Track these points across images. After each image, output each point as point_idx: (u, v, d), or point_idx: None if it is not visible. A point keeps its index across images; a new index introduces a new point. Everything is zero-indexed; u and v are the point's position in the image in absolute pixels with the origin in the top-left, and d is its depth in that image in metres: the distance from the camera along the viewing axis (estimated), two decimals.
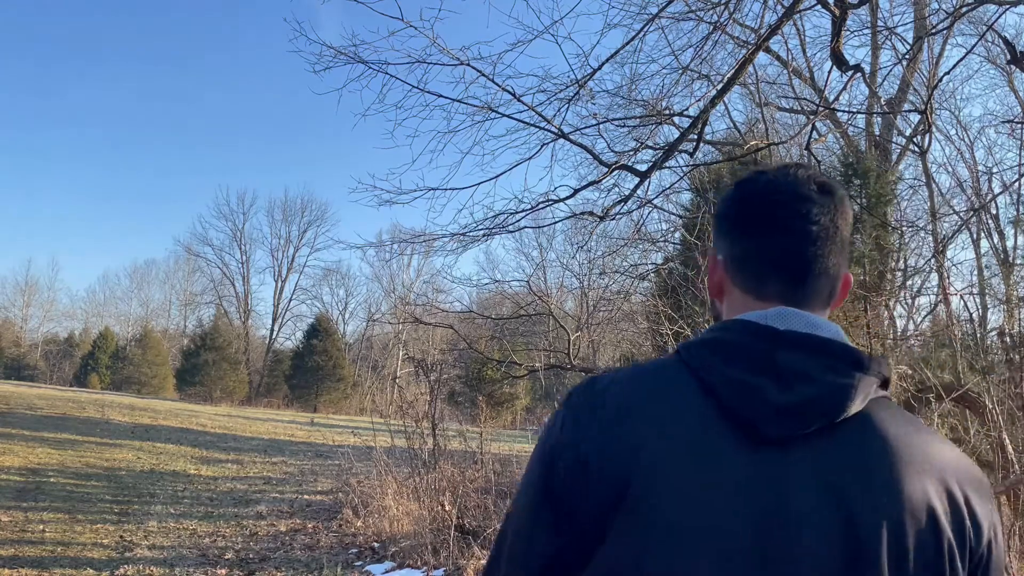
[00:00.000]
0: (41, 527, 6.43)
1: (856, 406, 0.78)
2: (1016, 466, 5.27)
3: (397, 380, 32.62)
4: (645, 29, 5.65)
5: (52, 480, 8.94)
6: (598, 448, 0.80)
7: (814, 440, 0.77)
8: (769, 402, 0.77)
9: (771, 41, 6.78)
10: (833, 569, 0.74)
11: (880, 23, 10.97)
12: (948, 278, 10.18)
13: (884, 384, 0.83)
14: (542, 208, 5.78)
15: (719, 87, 5.43)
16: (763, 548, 0.74)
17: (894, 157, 11.97)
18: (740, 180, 0.96)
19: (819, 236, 0.87)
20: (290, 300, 47.24)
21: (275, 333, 46.02)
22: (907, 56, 9.32)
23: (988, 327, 11.21)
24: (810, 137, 6.39)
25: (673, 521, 0.75)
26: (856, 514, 0.75)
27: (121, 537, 6.29)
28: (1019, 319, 7.69)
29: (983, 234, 15.86)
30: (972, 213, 13.38)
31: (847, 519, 0.75)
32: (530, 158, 5.59)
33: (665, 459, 0.77)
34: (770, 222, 0.88)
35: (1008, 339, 6.95)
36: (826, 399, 0.78)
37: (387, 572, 5.52)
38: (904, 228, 10.93)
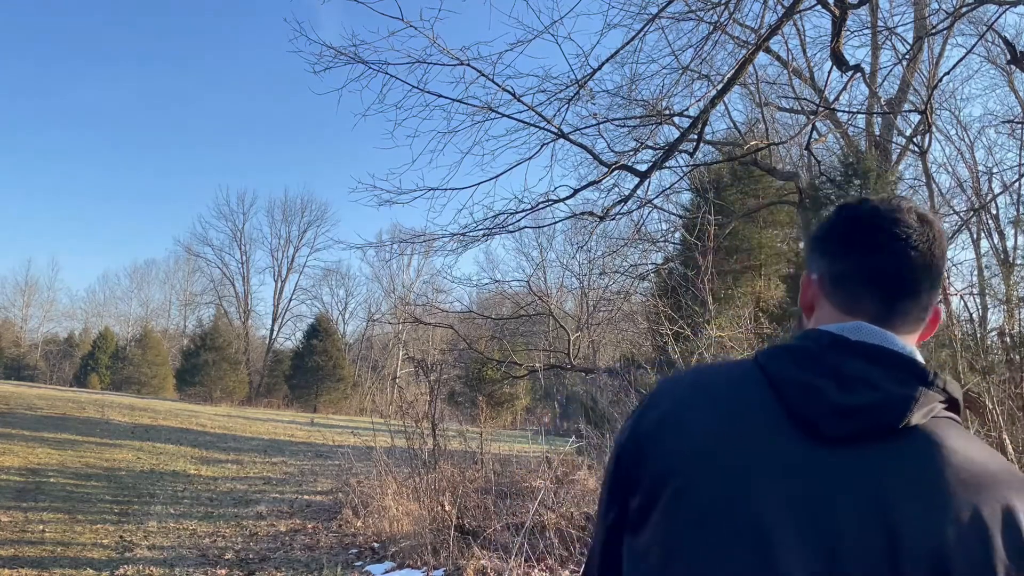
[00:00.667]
0: (41, 527, 6.43)
1: (916, 418, 0.79)
2: (1016, 466, 5.27)
3: (397, 380, 32.64)
4: (645, 29, 5.65)
5: (52, 480, 8.94)
6: (649, 433, 0.88)
7: (871, 447, 0.78)
8: (830, 402, 0.79)
9: (771, 41, 6.78)
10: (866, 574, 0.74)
11: (880, 23, 10.98)
12: (948, 278, 10.18)
13: (952, 405, 0.84)
14: (542, 208, 5.79)
15: (719, 87, 5.44)
16: (801, 540, 0.75)
17: (894, 157, 11.97)
18: (843, 204, 0.98)
19: (916, 261, 0.89)
20: (290, 300, 47.31)
21: (275, 333, 46.08)
22: (907, 56, 9.32)
23: (988, 327, 11.21)
24: (810, 137, 6.40)
25: (716, 498, 0.79)
26: (899, 529, 0.74)
27: (121, 537, 6.29)
28: (1019, 319, 7.69)
29: (983, 234, 15.88)
30: (972, 213, 13.39)
31: (889, 532, 0.74)
32: (530, 158, 5.60)
33: (717, 445, 0.82)
34: (871, 243, 0.90)
35: (1008, 339, 6.95)
36: (886, 406, 0.79)
37: (387, 572, 5.52)
38: None
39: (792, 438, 0.80)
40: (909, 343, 0.88)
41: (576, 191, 5.88)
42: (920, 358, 0.86)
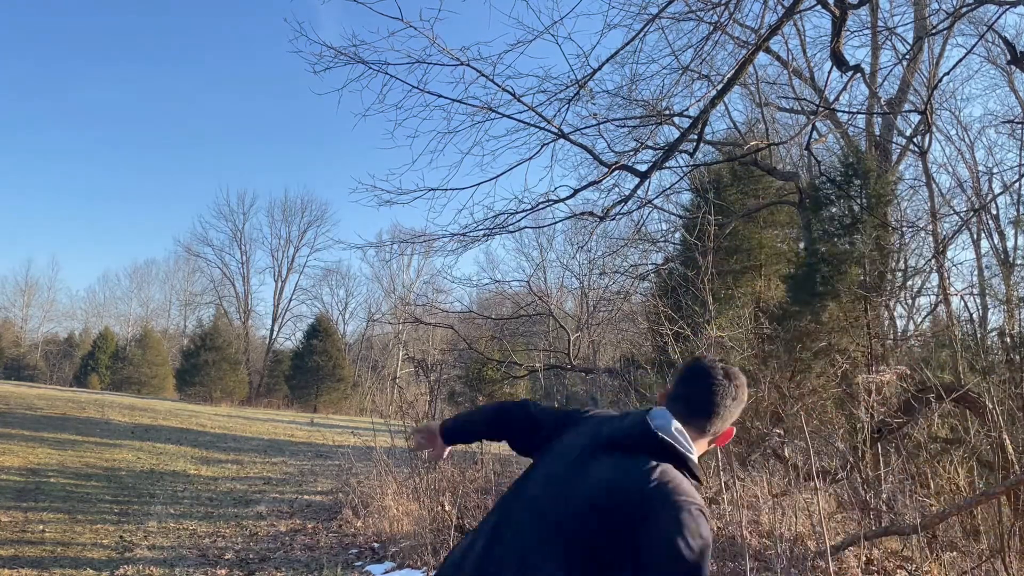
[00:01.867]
0: (41, 527, 6.43)
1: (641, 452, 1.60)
2: (1016, 466, 5.27)
3: (397, 380, 32.60)
4: (645, 29, 5.65)
5: (52, 480, 8.93)
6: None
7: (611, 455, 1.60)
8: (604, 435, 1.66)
9: (771, 41, 6.78)
10: (568, 479, 1.59)
11: (880, 23, 10.98)
12: (948, 278, 10.18)
13: (668, 457, 1.58)
14: (542, 208, 5.79)
15: (719, 87, 5.44)
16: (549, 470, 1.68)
17: (894, 157, 11.96)
18: (689, 361, 1.83)
19: (717, 398, 1.67)
20: (290, 300, 47.27)
21: (275, 333, 46.05)
22: (907, 56, 9.32)
23: (988, 327, 11.21)
24: (810, 137, 6.40)
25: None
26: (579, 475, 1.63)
27: (121, 537, 6.29)
28: (1019, 319, 7.69)
29: (983, 234, 15.88)
30: (972, 213, 13.38)
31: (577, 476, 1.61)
32: (530, 158, 5.60)
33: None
34: (693, 381, 1.72)
35: (1008, 339, 6.95)
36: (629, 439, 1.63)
37: (387, 572, 5.52)
38: (904, 228, 10.93)
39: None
40: (689, 435, 1.62)
41: (576, 191, 5.88)
42: (673, 440, 1.58)
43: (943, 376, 6.82)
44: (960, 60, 11.70)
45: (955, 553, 5.22)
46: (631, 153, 5.98)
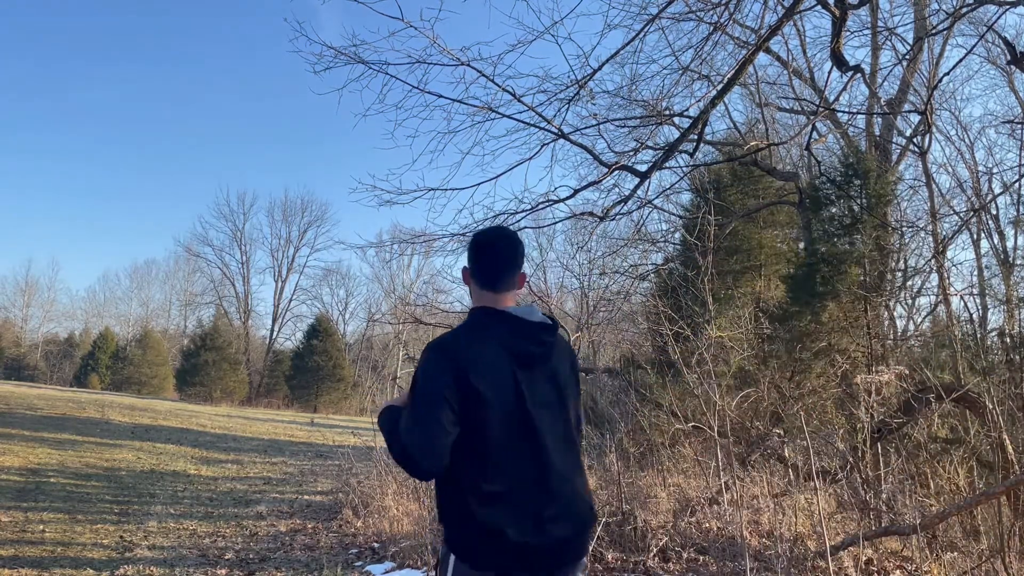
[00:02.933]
0: (41, 527, 6.43)
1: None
2: (1016, 466, 5.27)
3: (397, 380, 32.59)
4: (645, 29, 5.65)
5: (52, 480, 8.93)
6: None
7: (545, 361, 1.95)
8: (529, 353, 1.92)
9: (771, 41, 6.78)
10: (553, 400, 1.92)
11: (880, 23, 10.98)
12: (948, 278, 10.18)
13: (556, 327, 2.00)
14: (542, 208, 5.79)
15: (719, 87, 5.44)
16: (525, 404, 1.85)
17: (894, 157, 11.96)
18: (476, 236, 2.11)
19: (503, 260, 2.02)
20: (290, 300, 47.29)
21: (275, 333, 46.06)
22: (907, 56, 9.32)
23: (988, 327, 11.21)
24: (810, 137, 6.40)
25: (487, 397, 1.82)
26: (559, 379, 1.96)
27: (121, 537, 6.29)
28: (1019, 319, 7.69)
29: (983, 234, 15.88)
30: (972, 213, 13.38)
31: (555, 383, 1.94)
32: (530, 158, 5.60)
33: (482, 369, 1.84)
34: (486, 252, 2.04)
35: (1008, 339, 6.95)
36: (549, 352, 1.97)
37: (387, 572, 5.52)
38: (904, 228, 10.93)
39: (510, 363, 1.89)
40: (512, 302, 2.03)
41: (576, 191, 5.88)
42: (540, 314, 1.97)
43: (943, 376, 6.82)
44: (960, 60, 11.71)
45: (955, 553, 5.22)
46: (631, 153, 5.98)
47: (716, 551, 5.09)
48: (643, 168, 5.72)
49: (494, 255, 2.00)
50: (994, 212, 15.47)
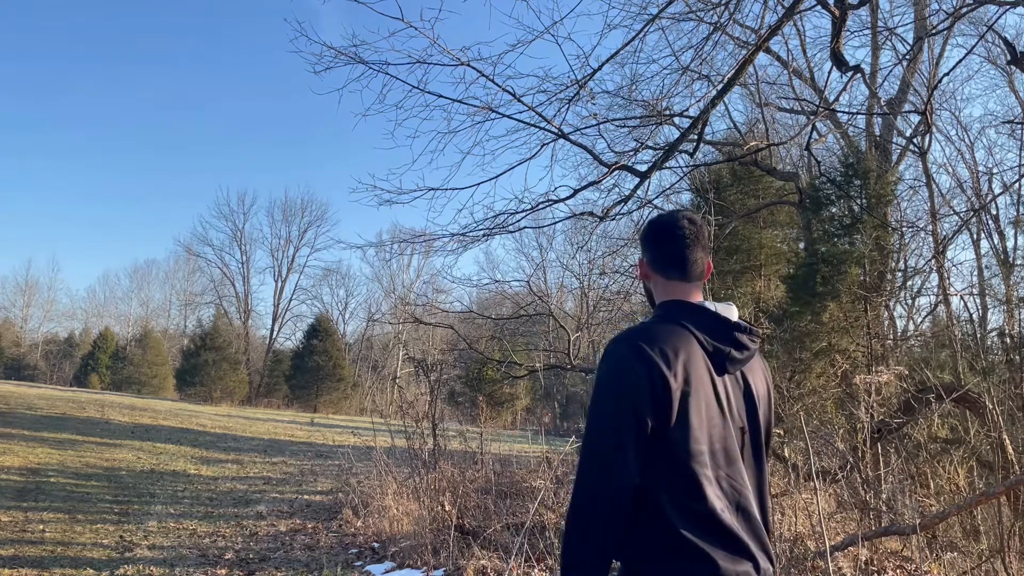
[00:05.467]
0: (41, 527, 6.43)
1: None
2: (1016, 466, 5.27)
3: (397, 380, 32.60)
4: (645, 30, 5.65)
5: (52, 480, 8.93)
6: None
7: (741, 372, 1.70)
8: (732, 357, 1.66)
9: (771, 41, 6.77)
10: (749, 412, 1.67)
11: (880, 23, 10.98)
12: (948, 279, 10.17)
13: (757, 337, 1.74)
14: (542, 208, 5.78)
15: (719, 87, 5.43)
16: (724, 417, 1.60)
17: (894, 158, 11.96)
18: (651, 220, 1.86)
19: (690, 242, 1.73)
20: (290, 300, 47.25)
21: (275, 333, 46.03)
22: (907, 56, 9.32)
23: (988, 328, 11.21)
24: (810, 137, 6.39)
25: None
26: (755, 395, 1.69)
27: (121, 537, 6.29)
28: (1019, 320, 7.68)
29: (983, 234, 15.85)
30: (972, 214, 13.37)
31: (750, 398, 1.68)
32: (530, 158, 5.60)
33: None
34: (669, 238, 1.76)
35: (1008, 339, 6.95)
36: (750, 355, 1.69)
37: (387, 572, 5.52)
38: (904, 229, 10.93)
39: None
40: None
41: (576, 191, 5.88)
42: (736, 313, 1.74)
43: (943, 376, 6.82)
44: (960, 60, 11.71)
45: (955, 553, 5.23)
46: (631, 153, 5.98)
47: None
48: (643, 168, 5.72)
49: (681, 237, 1.71)
50: (994, 212, 15.45)
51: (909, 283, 12.18)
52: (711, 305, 1.67)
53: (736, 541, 1.53)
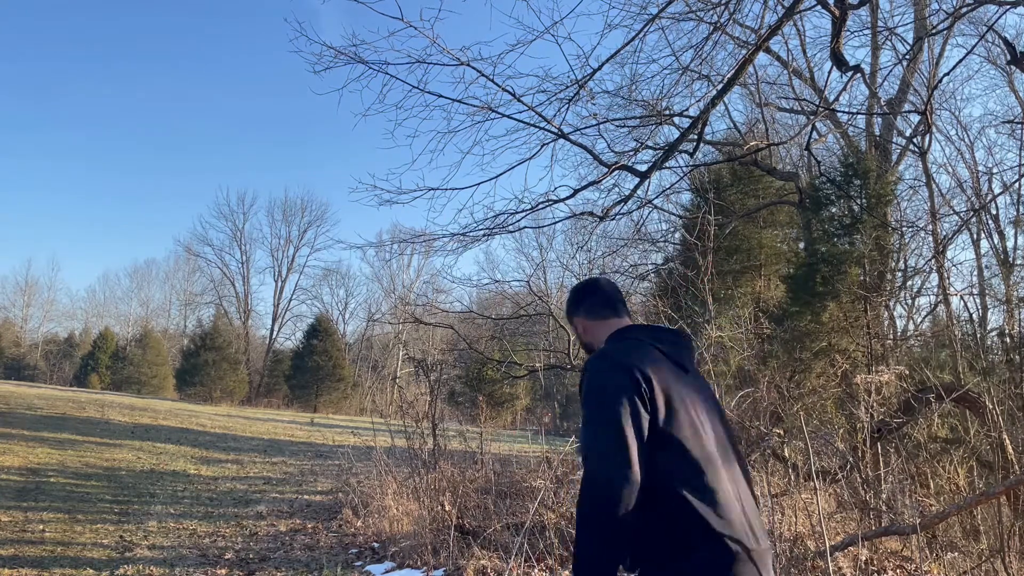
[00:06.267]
0: (41, 527, 6.43)
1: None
2: (1016, 466, 5.27)
3: (397, 380, 32.60)
4: (645, 29, 5.65)
5: (52, 480, 8.93)
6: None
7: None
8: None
9: (771, 41, 6.78)
10: (712, 406, 1.83)
11: (880, 23, 10.98)
12: (948, 278, 10.17)
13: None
14: (542, 208, 5.78)
15: (719, 87, 5.43)
16: (701, 410, 1.77)
17: (894, 157, 11.96)
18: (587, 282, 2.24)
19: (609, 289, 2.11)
20: (290, 300, 47.26)
21: (275, 333, 46.04)
22: (907, 56, 9.32)
23: (988, 327, 11.21)
24: (810, 137, 6.39)
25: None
26: (711, 390, 1.91)
27: (121, 537, 6.29)
28: (1019, 320, 7.69)
29: (983, 234, 15.86)
30: (972, 213, 13.37)
31: (709, 393, 1.88)
32: (530, 158, 5.59)
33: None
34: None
35: (1008, 339, 6.95)
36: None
37: (387, 572, 5.52)
38: (904, 228, 10.93)
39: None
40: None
41: (576, 191, 5.87)
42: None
43: (943, 376, 6.82)
44: (960, 60, 11.69)
45: (955, 553, 5.23)
46: (631, 153, 5.98)
47: None
48: (643, 168, 5.72)
49: (601, 288, 2.10)
50: (994, 212, 15.46)
51: (909, 283, 12.18)
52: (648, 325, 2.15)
53: (746, 523, 1.67)
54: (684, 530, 1.61)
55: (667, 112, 7.07)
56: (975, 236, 15.61)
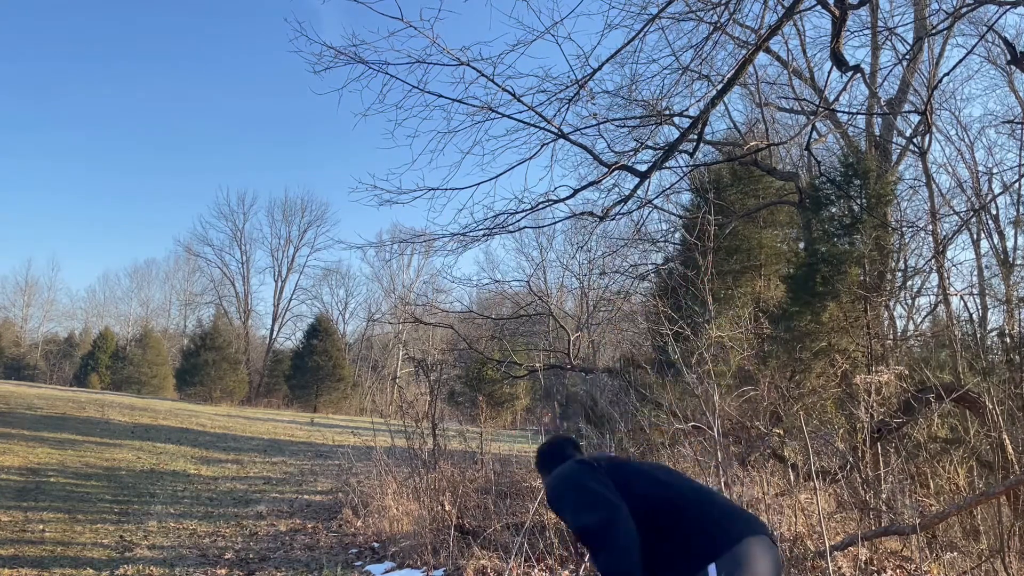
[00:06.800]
0: (41, 527, 6.43)
1: None
2: (1016, 466, 5.27)
3: (397, 380, 32.61)
4: (645, 29, 5.64)
5: (52, 480, 8.93)
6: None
7: None
8: None
9: (771, 41, 6.78)
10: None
11: (880, 23, 10.97)
12: (948, 278, 10.17)
13: None
14: (542, 208, 5.77)
15: (719, 87, 5.43)
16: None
17: (894, 157, 11.95)
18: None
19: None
20: (290, 300, 47.25)
21: (275, 333, 46.04)
22: (907, 56, 9.31)
23: (988, 327, 11.21)
24: (810, 137, 6.39)
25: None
26: None
27: (121, 537, 6.29)
28: (1019, 319, 7.68)
29: (983, 234, 15.85)
30: (972, 213, 13.37)
31: None
32: (530, 158, 5.58)
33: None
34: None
35: (1008, 339, 6.95)
36: None
37: (387, 572, 5.52)
38: (904, 228, 10.92)
39: None
40: None
41: (576, 191, 5.86)
42: None
43: (943, 376, 6.82)
44: (960, 60, 11.68)
45: (955, 553, 5.23)
46: (631, 153, 5.97)
47: None
48: (643, 168, 5.71)
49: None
50: (994, 212, 15.44)
51: (909, 283, 12.18)
52: None
53: None
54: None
55: (667, 112, 7.07)
56: (975, 236, 15.60)
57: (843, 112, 8.61)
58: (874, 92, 9.95)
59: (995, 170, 16.36)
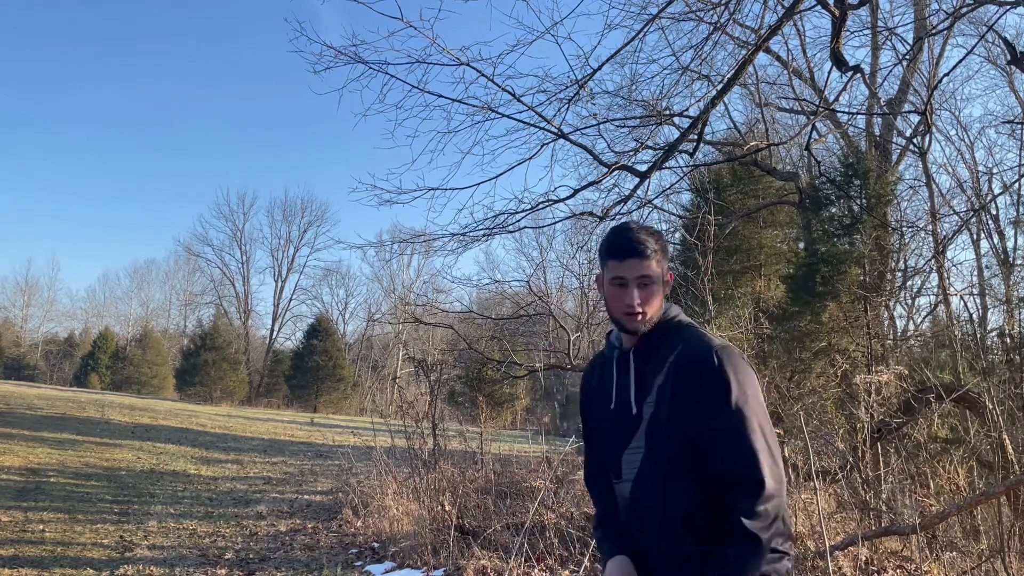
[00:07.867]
0: (41, 527, 6.43)
1: None
2: (1016, 466, 5.27)
3: (397, 380, 32.59)
4: (645, 30, 5.64)
5: (52, 480, 8.93)
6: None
7: None
8: None
9: (771, 41, 6.78)
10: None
11: (880, 23, 10.98)
12: (948, 279, 10.18)
13: None
14: (542, 208, 5.77)
15: (719, 87, 5.43)
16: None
17: (894, 157, 11.96)
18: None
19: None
20: (290, 300, 47.22)
21: (275, 333, 46.01)
22: (907, 56, 9.31)
23: (988, 327, 11.21)
24: (810, 137, 6.38)
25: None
26: None
27: (121, 537, 6.29)
28: (1019, 320, 7.69)
29: (983, 234, 15.86)
30: (972, 213, 13.37)
31: None
32: (530, 158, 5.58)
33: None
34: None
35: (1008, 339, 6.95)
36: None
37: (387, 572, 5.52)
38: (904, 229, 10.93)
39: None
40: None
41: (576, 191, 5.86)
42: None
43: (943, 376, 6.82)
44: (960, 60, 11.70)
45: (955, 553, 5.23)
46: (631, 153, 5.97)
47: None
48: (643, 168, 5.71)
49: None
50: (994, 212, 15.46)
51: (909, 283, 12.19)
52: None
53: None
54: None
55: (667, 112, 7.07)
56: (975, 236, 15.62)
57: (843, 112, 8.61)
58: (874, 92, 9.95)
59: (995, 170, 16.38)
